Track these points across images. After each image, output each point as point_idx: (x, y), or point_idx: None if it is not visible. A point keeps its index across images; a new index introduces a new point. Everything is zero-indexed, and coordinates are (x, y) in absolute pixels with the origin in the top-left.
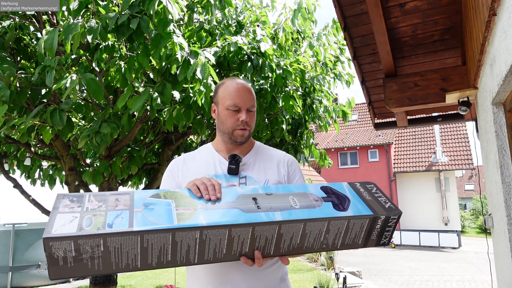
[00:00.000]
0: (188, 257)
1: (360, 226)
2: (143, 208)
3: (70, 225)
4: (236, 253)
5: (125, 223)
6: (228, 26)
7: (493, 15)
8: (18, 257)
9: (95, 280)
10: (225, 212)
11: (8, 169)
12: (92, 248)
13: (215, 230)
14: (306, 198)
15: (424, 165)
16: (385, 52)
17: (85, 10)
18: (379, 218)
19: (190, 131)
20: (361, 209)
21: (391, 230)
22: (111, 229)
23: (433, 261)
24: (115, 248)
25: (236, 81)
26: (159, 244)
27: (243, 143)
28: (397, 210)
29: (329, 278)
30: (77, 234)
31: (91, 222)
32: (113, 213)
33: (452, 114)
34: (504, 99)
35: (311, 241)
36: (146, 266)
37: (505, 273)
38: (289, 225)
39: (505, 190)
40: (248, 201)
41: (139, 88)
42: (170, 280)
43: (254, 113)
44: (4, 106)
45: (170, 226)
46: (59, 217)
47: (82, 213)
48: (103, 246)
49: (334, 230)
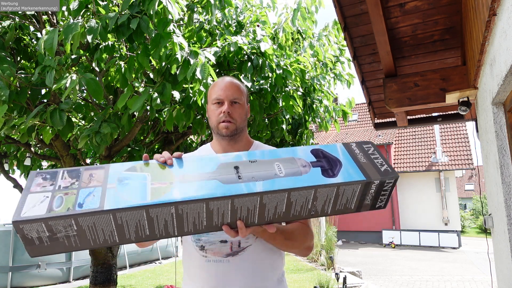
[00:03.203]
0: (167, 231)
1: (351, 192)
2: (117, 183)
3: (40, 206)
4: (218, 224)
5: (96, 201)
6: (228, 26)
7: (493, 15)
8: (18, 257)
9: (95, 280)
10: (203, 184)
11: (8, 169)
12: (65, 228)
13: (191, 205)
14: (293, 164)
15: (424, 165)
16: (385, 52)
17: (85, 10)
18: (372, 183)
19: (190, 131)
20: (352, 174)
21: (387, 194)
22: (81, 209)
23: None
24: (89, 226)
25: (223, 78)
26: (134, 220)
27: (230, 137)
28: (393, 173)
29: (329, 278)
30: (46, 216)
31: (62, 201)
32: (85, 191)
33: (452, 114)
34: (504, 99)
35: (298, 209)
36: (125, 240)
37: (505, 273)
38: (271, 195)
39: (505, 190)
40: (229, 170)
41: (139, 88)
42: (170, 280)
43: (240, 106)
44: (4, 106)
45: (143, 203)
46: (29, 198)
47: (54, 192)
48: (76, 225)
49: (322, 197)
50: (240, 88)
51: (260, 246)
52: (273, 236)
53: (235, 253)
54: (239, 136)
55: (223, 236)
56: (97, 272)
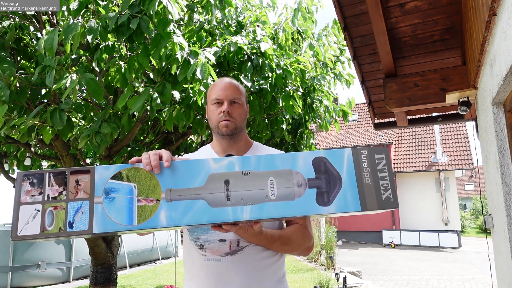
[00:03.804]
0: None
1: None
2: (103, 197)
3: (33, 223)
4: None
5: (85, 222)
6: (228, 26)
7: (493, 15)
8: (18, 257)
9: (95, 280)
10: (189, 207)
11: (8, 169)
12: (56, 238)
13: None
14: (288, 182)
15: (424, 165)
16: (385, 52)
17: (85, 10)
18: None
19: (190, 131)
20: (348, 203)
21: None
22: (71, 230)
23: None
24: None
25: (222, 79)
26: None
27: (230, 136)
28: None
29: (329, 278)
30: (40, 236)
31: (53, 219)
32: (74, 205)
33: (452, 114)
34: (504, 99)
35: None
36: None
37: (505, 273)
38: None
39: (505, 190)
40: (219, 186)
41: (139, 88)
42: (170, 280)
43: (239, 106)
44: (4, 106)
45: (129, 228)
46: (22, 211)
47: (44, 203)
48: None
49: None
50: (239, 88)
51: (259, 246)
52: (270, 242)
53: (234, 252)
54: (238, 136)
55: (221, 235)
56: (97, 272)
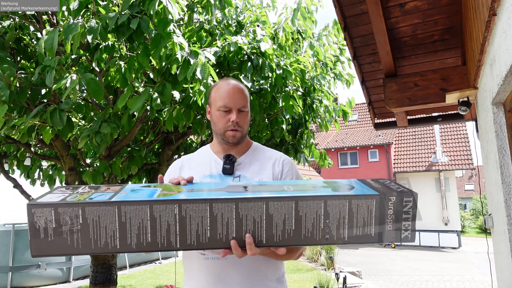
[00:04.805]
0: (170, 239)
1: (367, 210)
2: (129, 191)
3: (55, 198)
4: (222, 238)
5: (106, 197)
6: (228, 26)
7: (493, 15)
8: (18, 257)
9: (95, 280)
10: (210, 194)
11: (8, 169)
12: (71, 219)
13: (195, 205)
14: (304, 187)
15: (424, 165)
16: (385, 52)
17: (85, 10)
18: (388, 200)
19: (190, 131)
20: (364, 191)
21: (409, 218)
22: (91, 199)
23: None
24: (93, 220)
25: (228, 82)
26: (137, 219)
27: (236, 144)
28: (411, 191)
29: (329, 278)
30: (57, 202)
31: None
32: (98, 193)
33: (452, 114)
34: (504, 99)
35: (309, 227)
36: (125, 246)
37: (505, 273)
38: (278, 203)
39: (505, 190)
40: (238, 188)
41: (139, 88)
42: (170, 280)
43: (246, 114)
44: (4, 106)
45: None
46: (48, 195)
47: (72, 193)
48: (82, 217)
49: (335, 214)
50: (245, 94)
51: None
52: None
53: None
54: (242, 141)
55: None
56: (97, 272)
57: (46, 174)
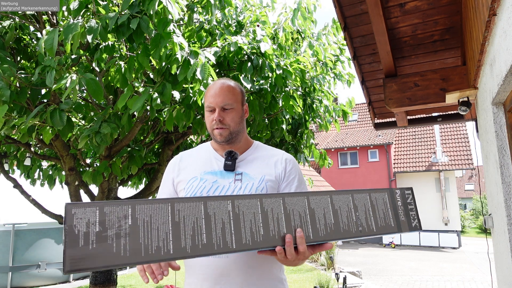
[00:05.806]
0: (225, 239)
1: (382, 202)
2: None
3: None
4: (275, 235)
5: None
6: (228, 26)
7: (493, 15)
8: (18, 257)
9: (95, 280)
10: None
11: (8, 169)
12: (119, 220)
13: (247, 201)
14: None
15: (424, 165)
16: (385, 52)
17: (85, 10)
18: (395, 193)
19: (190, 131)
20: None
21: (413, 209)
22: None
23: (433, 261)
24: (144, 221)
25: (217, 82)
26: (191, 217)
27: (227, 142)
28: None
29: (329, 278)
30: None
31: None
32: None
33: (452, 114)
34: (504, 99)
35: (344, 220)
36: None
37: (505, 273)
38: (316, 197)
39: (505, 190)
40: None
41: (139, 88)
42: (170, 280)
43: (231, 111)
44: (4, 106)
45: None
46: None
47: None
48: (131, 218)
49: (361, 207)
50: (232, 91)
51: None
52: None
53: None
54: (236, 139)
55: None
56: (97, 272)
57: (46, 174)
